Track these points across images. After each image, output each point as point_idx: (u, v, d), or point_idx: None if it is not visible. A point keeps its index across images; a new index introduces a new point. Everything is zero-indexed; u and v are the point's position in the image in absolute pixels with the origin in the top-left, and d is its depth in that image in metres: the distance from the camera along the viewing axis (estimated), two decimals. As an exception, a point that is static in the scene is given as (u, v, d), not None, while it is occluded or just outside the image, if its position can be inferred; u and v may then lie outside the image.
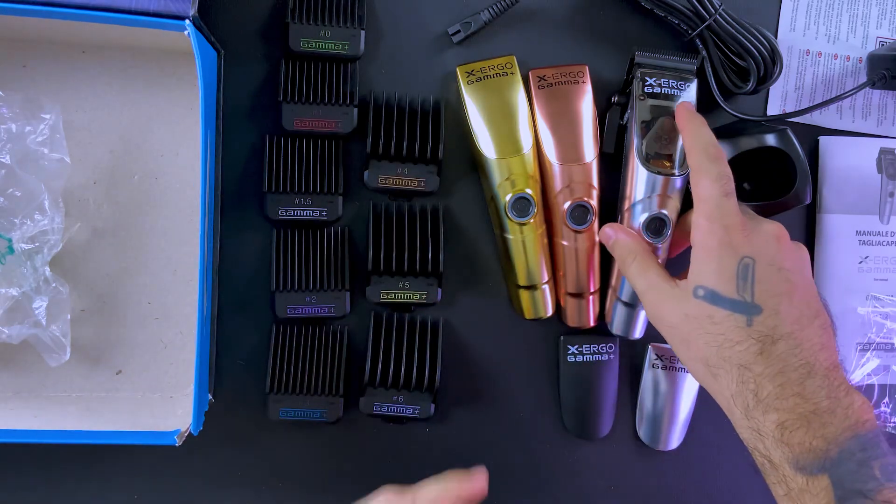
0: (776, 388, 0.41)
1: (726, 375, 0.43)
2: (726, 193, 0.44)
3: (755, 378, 0.42)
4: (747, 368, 0.42)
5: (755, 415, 0.42)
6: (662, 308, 0.46)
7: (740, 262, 0.43)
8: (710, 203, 0.44)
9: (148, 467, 0.55)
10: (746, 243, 0.43)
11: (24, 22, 0.46)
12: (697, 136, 0.46)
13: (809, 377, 0.41)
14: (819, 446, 0.40)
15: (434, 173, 0.53)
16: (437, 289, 0.53)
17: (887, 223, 0.58)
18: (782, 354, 0.42)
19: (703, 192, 0.45)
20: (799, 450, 0.40)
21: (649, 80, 0.51)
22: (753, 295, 0.42)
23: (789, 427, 0.41)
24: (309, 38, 0.51)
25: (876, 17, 0.58)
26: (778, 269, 0.43)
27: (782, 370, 0.41)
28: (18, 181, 0.50)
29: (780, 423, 0.41)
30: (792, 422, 0.40)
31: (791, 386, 0.41)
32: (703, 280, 0.44)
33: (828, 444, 0.40)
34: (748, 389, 0.42)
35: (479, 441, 0.57)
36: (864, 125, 0.58)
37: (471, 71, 0.53)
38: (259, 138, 0.53)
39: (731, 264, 0.43)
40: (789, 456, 0.40)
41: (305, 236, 0.53)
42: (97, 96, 0.53)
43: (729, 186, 0.44)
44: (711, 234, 0.44)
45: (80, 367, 0.53)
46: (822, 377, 0.41)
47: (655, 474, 0.58)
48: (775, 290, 0.43)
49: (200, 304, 0.46)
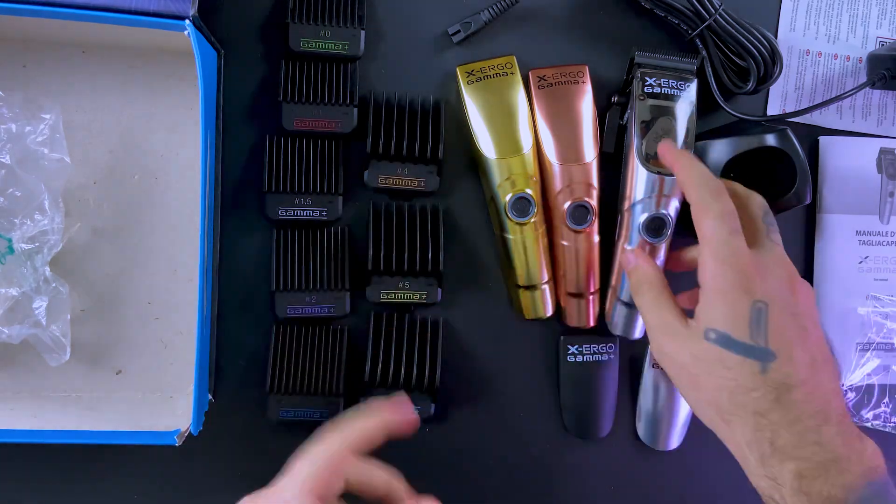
0: (794, 437, 0.40)
1: (740, 423, 0.41)
2: (732, 231, 0.43)
3: (771, 426, 0.40)
4: (763, 416, 0.41)
5: (772, 463, 0.40)
6: (670, 346, 0.44)
7: (753, 305, 0.41)
8: (717, 243, 0.43)
9: (148, 467, 0.55)
10: (759, 286, 0.42)
11: (24, 22, 0.46)
12: (692, 170, 0.45)
13: (826, 424, 0.40)
14: (837, 495, 0.39)
15: (434, 173, 0.53)
16: (437, 289, 0.53)
17: (887, 223, 0.58)
18: (798, 402, 0.40)
19: (708, 231, 0.43)
20: (817, 499, 0.39)
21: (649, 80, 0.51)
22: (767, 340, 0.41)
23: (808, 476, 0.39)
24: (309, 38, 0.51)
25: (876, 17, 0.58)
26: (791, 313, 0.42)
27: (799, 418, 0.40)
28: (18, 181, 0.50)
29: (799, 473, 0.40)
30: (810, 471, 0.39)
31: (808, 434, 0.40)
32: (715, 323, 0.42)
33: (846, 493, 0.39)
34: (764, 437, 0.40)
35: (479, 441, 0.57)
36: (864, 125, 0.58)
37: (471, 71, 0.53)
38: (259, 138, 0.53)
39: (743, 308, 0.41)
40: None
41: (305, 236, 0.53)
42: (97, 96, 0.53)
43: (735, 224, 0.43)
44: (722, 277, 0.42)
45: (80, 367, 0.53)
46: (837, 424, 0.41)
47: (655, 474, 0.58)
48: (789, 336, 0.41)
49: (200, 304, 0.46)
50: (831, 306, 0.58)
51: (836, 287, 0.58)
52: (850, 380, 0.58)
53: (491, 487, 0.57)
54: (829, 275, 0.58)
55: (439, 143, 0.52)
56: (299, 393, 0.52)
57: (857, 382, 0.58)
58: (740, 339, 0.41)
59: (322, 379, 0.52)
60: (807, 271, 0.58)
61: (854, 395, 0.58)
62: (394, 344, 0.52)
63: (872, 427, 0.59)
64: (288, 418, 0.52)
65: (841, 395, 0.42)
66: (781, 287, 0.43)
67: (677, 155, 0.47)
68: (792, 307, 0.42)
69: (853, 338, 0.58)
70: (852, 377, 0.58)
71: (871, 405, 0.59)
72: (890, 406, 0.59)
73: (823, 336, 0.44)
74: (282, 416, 0.52)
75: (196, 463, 0.54)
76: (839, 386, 0.43)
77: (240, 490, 0.55)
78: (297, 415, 0.52)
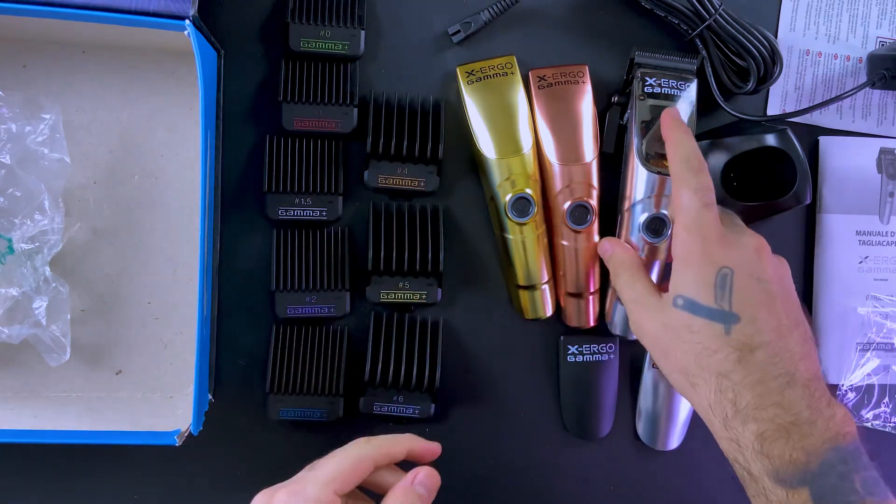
0: (755, 398, 0.41)
1: (704, 385, 0.42)
2: (706, 205, 0.44)
3: (734, 387, 0.41)
4: (726, 377, 0.42)
5: (734, 425, 0.41)
6: (643, 319, 0.46)
7: (719, 272, 0.43)
8: (689, 214, 0.44)
9: (148, 467, 0.55)
10: (725, 254, 0.43)
11: (24, 22, 0.46)
12: (680, 145, 0.46)
13: (789, 387, 0.41)
14: (799, 458, 0.39)
15: (434, 173, 0.53)
16: (437, 289, 0.53)
17: (887, 223, 0.58)
18: (761, 363, 0.41)
19: (683, 202, 0.44)
20: (779, 462, 0.40)
21: (649, 80, 0.51)
22: (731, 304, 0.42)
23: (769, 438, 0.40)
24: (309, 38, 0.51)
25: (876, 17, 0.58)
26: (757, 279, 0.43)
27: (761, 379, 0.41)
28: (18, 181, 0.50)
29: (760, 434, 0.40)
30: (771, 433, 0.40)
31: (770, 395, 0.40)
32: (682, 290, 0.44)
33: (808, 457, 0.39)
34: (727, 399, 0.41)
35: (479, 441, 0.57)
36: (864, 125, 0.58)
37: (471, 71, 0.53)
38: (259, 138, 0.53)
39: (709, 274, 0.43)
40: (769, 468, 0.40)
41: (305, 236, 0.53)
42: (97, 96, 0.53)
43: (709, 198, 0.44)
44: (691, 245, 0.44)
45: (80, 367, 0.53)
46: (803, 387, 0.41)
47: (655, 474, 0.58)
48: (754, 300, 0.42)
49: (200, 304, 0.46)
50: (831, 306, 0.58)
51: (836, 287, 0.58)
52: (850, 380, 0.58)
53: (491, 487, 0.57)
54: (829, 275, 0.58)
55: (439, 143, 0.52)
56: (299, 393, 0.52)
57: (857, 382, 0.58)
58: (705, 303, 0.43)
59: (322, 379, 0.52)
60: (807, 271, 0.58)
61: (854, 395, 0.58)
62: (394, 344, 0.52)
63: (872, 427, 0.59)
64: (288, 418, 0.52)
65: (812, 361, 0.43)
66: (749, 256, 0.44)
67: (671, 127, 0.47)
68: (758, 273, 0.43)
69: (853, 338, 0.58)
70: (852, 377, 0.58)
71: (871, 405, 0.59)
72: (890, 406, 0.59)
73: (797, 303, 0.45)
74: (282, 416, 0.52)
75: (196, 463, 0.54)
76: (812, 352, 0.43)
77: (240, 490, 0.55)
78: (296, 415, 0.52)
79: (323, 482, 0.40)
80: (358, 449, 0.42)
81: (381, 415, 0.53)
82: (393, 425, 0.55)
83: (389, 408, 0.53)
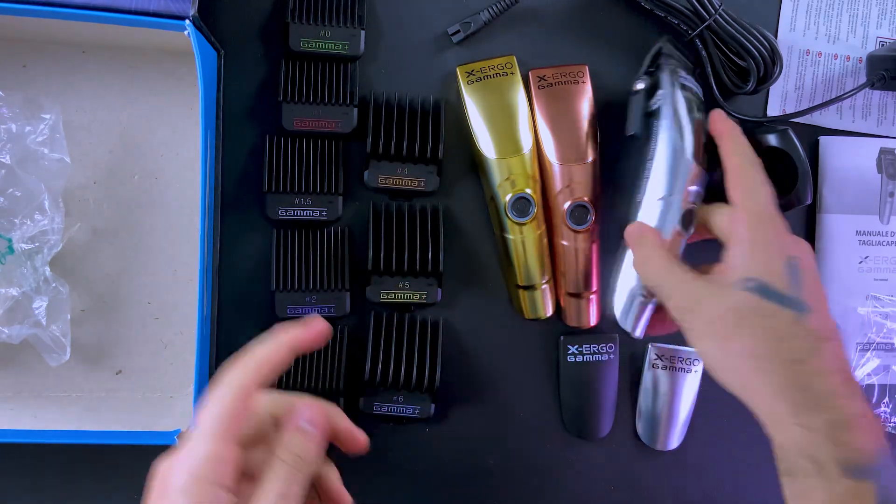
0: (828, 387, 0.41)
1: (773, 371, 0.41)
2: (772, 196, 0.45)
3: (807, 374, 0.41)
4: (800, 363, 0.41)
5: (804, 411, 0.40)
6: (699, 302, 0.44)
7: (788, 261, 0.43)
8: (760, 202, 0.45)
9: (148, 467, 0.54)
10: (793, 245, 0.44)
11: (24, 22, 0.46)
12: (740, 142, 0.47)
13: (853, 380, 0.41)
14: (868, 449, 0.39)
15: (434, 173, 0.53)
16: (437, 289, 0.53)
17: (887, 223, 0.58)
18: (831, 355, 0.41)
19: (752, 192, 0.45)
20: (850, 451, 0.39)
21: (681, 73, 0.51)
22: (802, 293, 0.42)
23: (840, 427, 0.40)
24: (309, 38, 0.51)
25: (876, 17, 0.58)
26: (816, 276, 0.44)
27: (832, 370, 0.41)
28: (18, 181, 0.50)
29: (833, 422, 0.40)
30: (842, 422, 0.40)
31: (840, 386, 0.41)
32: (753, 272, 0.43)
33: (875, 448, 0.39)
34: (799, 384, 0.41)
35: (479, 441, 0.57)
36: (864, 125, 0.58)
37: (471, 71, 0.53)
38: (259, 138, 0.53)
39: (779, 261, 0.43)
40: (839, 457, 0.39)
41: (305, 236, 0.53)
42: (97, 96, 0.53)
43: (773, 194, 0.46)
44: (763, 231, 0.44)
45: (80, 367, 0.53)
46: (858, 384, 0.42)
47: (655, 474, 0.58)
48: (818, 294, 0.43)
49: (200, 304, 0.46)
50: (831, 306, 0.57)
51: (836, 287, 0.58)
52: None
53: (491, 487, 0.57)
54: (830, 275, 0.58)
55: (439, 143, 0.52)
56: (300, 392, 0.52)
57: (857, 382, 0.58)
58: (779, 288, 0.42)
59: (322, 379, 0.52)
60: (807, 271, 0.58)
61: (854, 395, 0.59)
62: (394, 344, 0.52)
63: (872, 427, 0.59)
64: (288, 418, 0.52)
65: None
66: (808, 250, 0.45)
67: (728, 126, 0.48)
68: (816, 271, 0.45)
69: (853, 338, 0.58)
70: (852, 377, 0.58)
71: (870, 405, 0.59)
72: (890, 406, 0.59)
73: None
74: (282, 416, 0.52)
75: (196, 463, 0.54)
76: None
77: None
78: (297, 415, 0.52)
79: (211, 434, 0.35)
80: (230, 384, 0.36)
81: (382, 415, 0.53)
82: (393, 425, 0.55)
83: (389, 408, 0.53)
